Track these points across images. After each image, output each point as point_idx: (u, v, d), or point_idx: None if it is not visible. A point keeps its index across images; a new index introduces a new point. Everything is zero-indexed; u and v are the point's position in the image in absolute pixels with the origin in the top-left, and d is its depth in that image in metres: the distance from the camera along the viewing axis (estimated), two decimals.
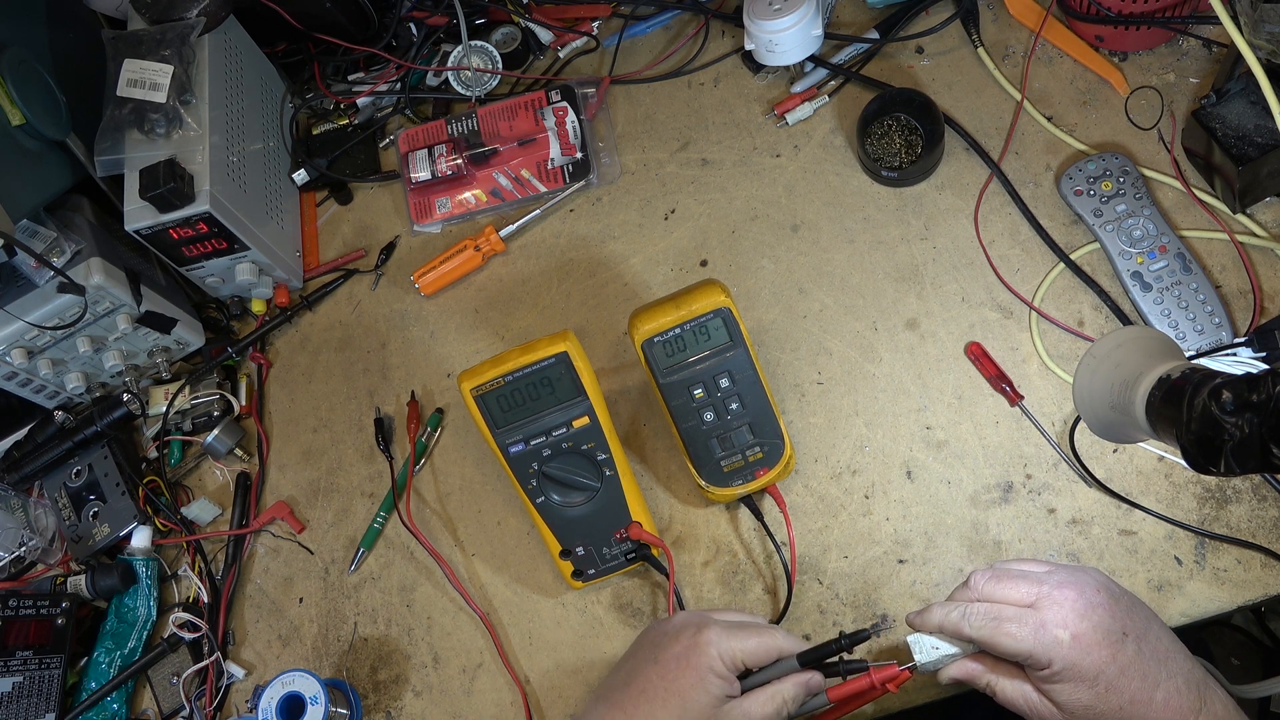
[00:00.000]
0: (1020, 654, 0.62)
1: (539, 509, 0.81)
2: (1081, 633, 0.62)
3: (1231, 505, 0.74)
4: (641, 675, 0.67)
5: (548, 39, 1.10)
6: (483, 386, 0.77)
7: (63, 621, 0.90)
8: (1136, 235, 0.82)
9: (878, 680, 0.68)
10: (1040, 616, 0.63)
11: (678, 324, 0.77)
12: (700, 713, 0.65)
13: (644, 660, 0.68)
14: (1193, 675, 0.63)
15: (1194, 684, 0.62)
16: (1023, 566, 0.67)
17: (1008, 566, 0.68)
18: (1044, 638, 0.62)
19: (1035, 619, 0.63)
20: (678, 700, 0.65)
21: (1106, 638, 0.62)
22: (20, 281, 0.91)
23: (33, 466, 0.97)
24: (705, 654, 0.66)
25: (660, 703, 0.65)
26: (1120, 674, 0.61)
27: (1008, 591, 0.65)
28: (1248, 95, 0.79)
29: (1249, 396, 0.49)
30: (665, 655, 0.67)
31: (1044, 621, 0.62)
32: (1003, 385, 0.81)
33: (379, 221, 1.08)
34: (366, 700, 0.86)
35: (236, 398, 1.00)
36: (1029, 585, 0.65)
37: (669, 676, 0.66)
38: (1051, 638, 0.62)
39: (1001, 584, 0.66)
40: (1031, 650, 0.62)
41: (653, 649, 0.69)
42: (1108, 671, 0.61)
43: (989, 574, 0.67)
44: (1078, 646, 0.61)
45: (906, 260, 0.89)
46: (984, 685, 0.66)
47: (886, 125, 0.92)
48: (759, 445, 0.80)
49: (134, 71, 0.92)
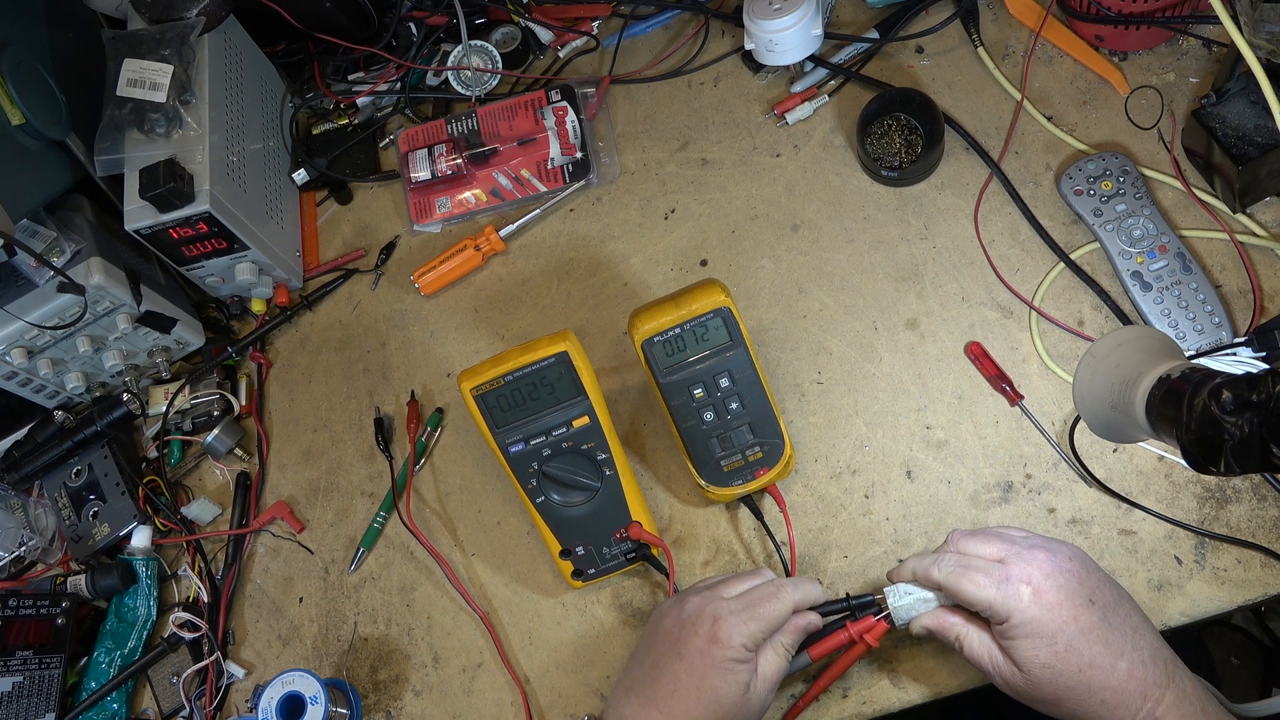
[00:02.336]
0: (982, 603, 0.64)
1: (539, 509, 0.81)
2: (1044, 590, 0.63)
3: (1231, 505, 0.74)
4: (669, 672, 0.68)
5: (548, 39, 1.10)
6: (483, 386, 0.77)
7: (63, 621, 0.90)
8: (1136, 235, 0.82)
9: (855, 633, 0.71)
10: (1006, 570, 0.64)
11: (677, 324, 0.77)
12: (733, 702, 0.67)
13: (667, 655, 0.69)
14: (1160, 653, 0.63)
15: (1161, 660, 0.63)
16: (1004, 530, 0.70)
17: (989, 529, 0.70)
18: (1006, 590, 0.63)
19: (1001, 572, 0.64)
20: (711, 695, 0.67)
21: (1070, 598, 0.63)
22: (20, 281, 0.91)
23: (33, 466, 0.97)
24: (728, 647, 0.67)
25: (695, 700, 0.67)
26: (1081, 635, 0.62)
27: (981, 547, 0.68)
28: (1248, 95, 0.79)
29: (1249, 396, 0.49)
30: (688, 649, 0.68)
31: (1009, 575, 0.64)
32: (1003, 385, 0.81)
33: (379, 221, 1.08)
34: (366, 700, 0.86)
35: (236, 397, 1.00)
36: (1003, 544, 0.67)
37: (697, 673, 0.67)
38: (1014, 590, 0.63)
39: (976, 540, 0.68)
40: (992, 601, 0.64)
41: (673, 642, 0.69)
42: (1068, 630, 0.62)
43: (968, 532, 0.70)
44: (1039, 602, 0.63)
45: (906, 260, 0.89)
46: (953, 638, 0.68)
47: (886, 125, 0.92)
48: (759, 445, 0.80)
49: (134, 71, 0.92)
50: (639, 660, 0.72)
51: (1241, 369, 0.75)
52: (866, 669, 0.76)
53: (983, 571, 0.65)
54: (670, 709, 0.67)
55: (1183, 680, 0.63)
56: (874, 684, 0.75)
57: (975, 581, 0.65)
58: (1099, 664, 0.62)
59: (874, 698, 0.75)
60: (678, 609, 0.71)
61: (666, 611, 0.72)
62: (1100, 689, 0.62)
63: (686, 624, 0.69)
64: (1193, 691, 0.62)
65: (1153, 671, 0.62)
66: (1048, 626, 0.62)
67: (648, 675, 0.70)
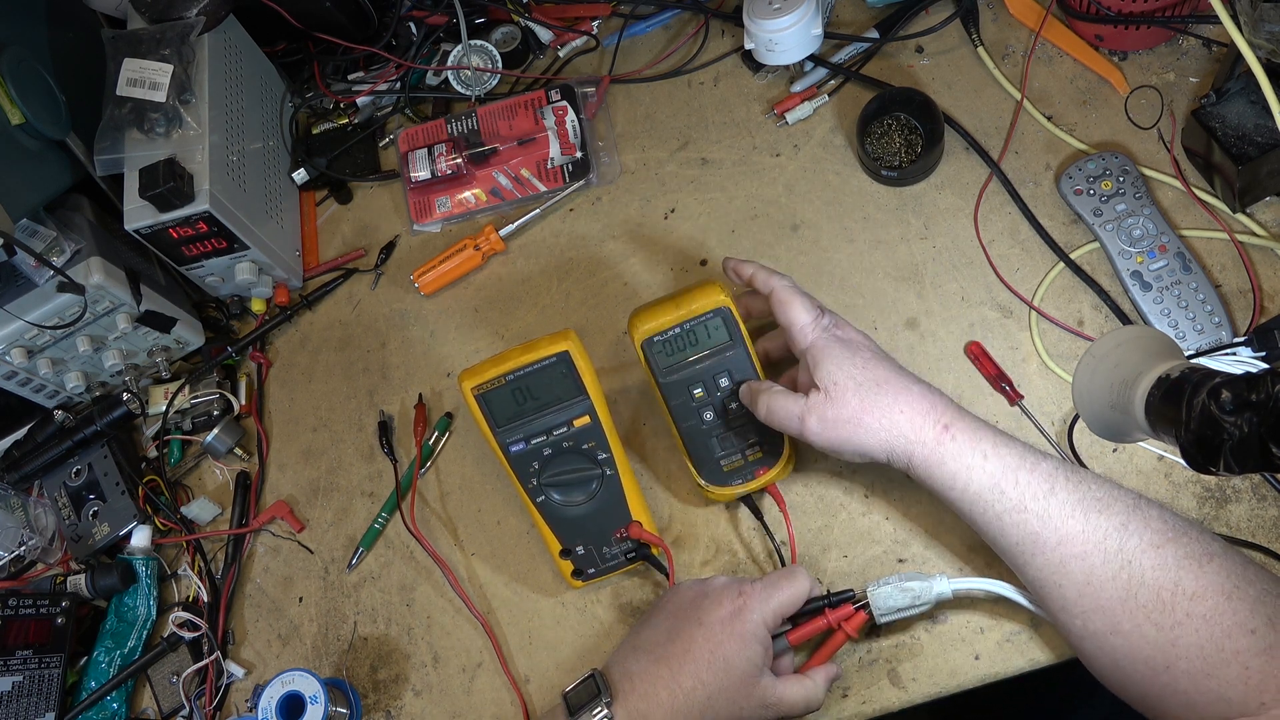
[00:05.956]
0: (801, 320, 0.73)
1: (539, 508, 0.81)
2: (845, 326, 0.74)
3: (1231, 505, 0.74)
4: (685, 634, 0.69)
5: (547, 38, 1.10)
6: (484, 385, 0.77)
7: (62, 621, 0.90)
8: (1136, 234, 0.82)
9: (834, 620, 0.72)
10: (822, 309, 0.75)
11: (677, 323, 0.77)
12: (742, 678, 0.68)
13: (687, 620, 0.70)
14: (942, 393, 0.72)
15: (945, 395, 0.72)
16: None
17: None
18: (821, 320, 0.73)
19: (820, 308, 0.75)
20: (722, 663, 0.68)
21: (867, 340, 0.74)
22: (20, 281, 0.91)
23: (32, 466, 0.97)
24: (750, 620, 0.69)
25: (705, 664, 0.68)
26: (876, 358, 0.72)
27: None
28: (1247, 95, 0.79)
29: (1248, 396, 0.49)
30: (710, 618, 0.69)
31: (824, 312, 0.74)
32: (1002, 384, 0.81)
33: (379, 221, 1.08)
34: (366, 700, 0.86)
35: (236, 397, 1.00)
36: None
37: (714, 639, 0.68)
38: (827, 320, 0.74)
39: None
40: (807, 323, 0.73)
41: (695, 610, 0.71)
42: (865, 352, 0.72)
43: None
44: (843, 332, 0.73)
45: (906, 260, 0.89)
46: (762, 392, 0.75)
47: (886, 124, 0.92)
48: (759, 445, 0.80)
49: (134, 71, 0.92)
50: (652, 625, 0.72)
51: (1241, 369, 0.75)
52: (867, 669, 0.76)
53: (807, 299, 0.74)
54: (680, 668, 0.68)
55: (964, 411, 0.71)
56: (874, 684, 0.75)
57: (802, 303, 0.74)
58: (894, 381, 0.70)
59: (874, 698, 0.75)
60: (701, 584, 0.73)
61: (688, 586, 0.74)
62: (898, 401, 0.69)
63: (711, 595, 0.71)
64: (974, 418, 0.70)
65: (940, 396, 0.71)
66: (849, 347, 0.72)
67: (661, 637, 0.71)
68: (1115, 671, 0.64)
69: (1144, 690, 0.63)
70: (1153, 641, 0.61)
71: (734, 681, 0.67)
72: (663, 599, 0.75)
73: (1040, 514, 0.65)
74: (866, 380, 0.70)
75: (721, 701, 0.67)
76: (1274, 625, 0.59)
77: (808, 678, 0.71)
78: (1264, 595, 0.60)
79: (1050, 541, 0.65)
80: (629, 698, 0.68)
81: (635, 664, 0.70)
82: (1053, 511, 0.65)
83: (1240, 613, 0.59)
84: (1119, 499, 0.65)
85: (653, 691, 0.68)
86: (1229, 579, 0.60)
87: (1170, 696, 0.61)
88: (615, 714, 0.67)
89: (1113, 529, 0.63)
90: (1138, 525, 0.63)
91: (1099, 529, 0.63)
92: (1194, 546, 0.62)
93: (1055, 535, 0.65)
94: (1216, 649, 0.59)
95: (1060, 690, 0.92)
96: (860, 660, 0.76)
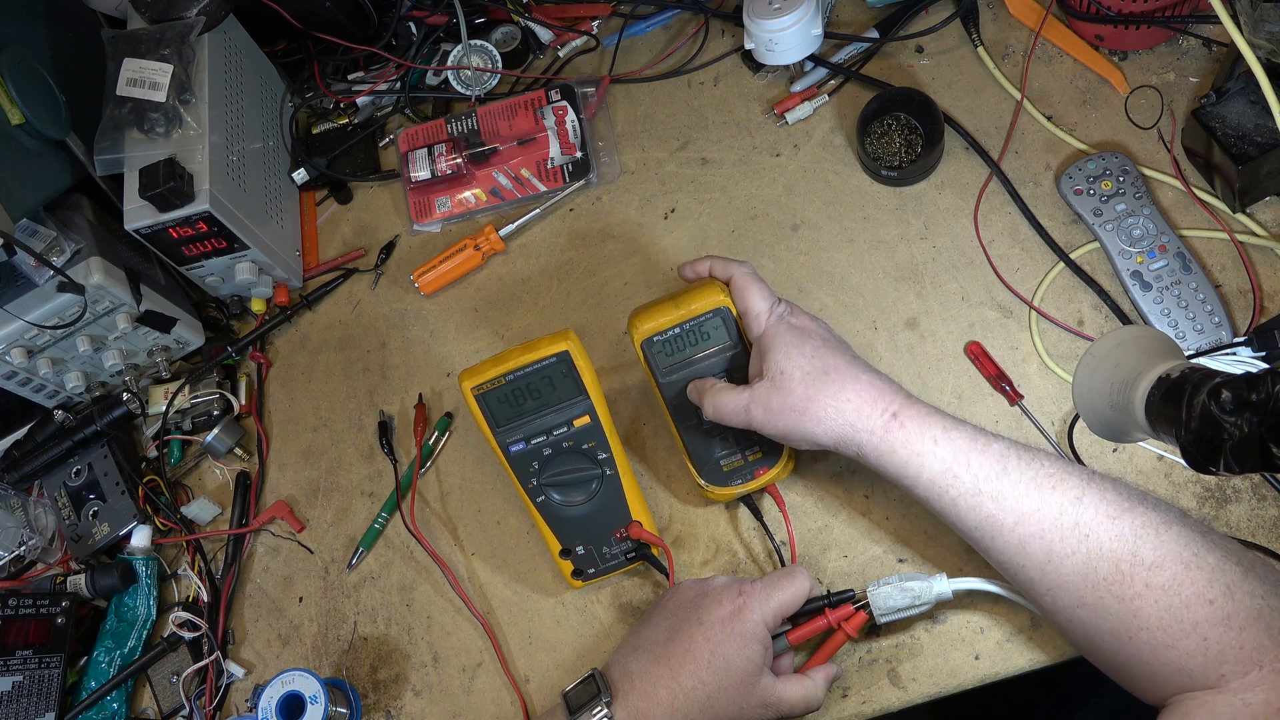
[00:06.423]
0: (758, 305, 0.74)
1: (539, 508, 0.81)
2: (799, 313, 0.75)
3: (1231, 505, 0.74)
4: (685, 634, 0.69)
5: (547, 38, 1.10)
6: (484, 385, 0.77)
7: (62, 621, 0.90)
8: (1136, 234, 0.82)
9: (834, 619, 0.73)
10: (777, 299, 0.75)
11: (677, 323, 0.77)
12: (742, 677, 0.68)
13: (687, 619, 0.70)
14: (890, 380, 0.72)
15: (894, 382, 0.71)
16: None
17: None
18: (777, 308, 0.74)
19: (775, 297, 0.75)
20: (722, 663, 0.68)
21: (819, 327, 0.74)
22: (20, 281, 0.91)
23: (32, 466, 0.97)
24: (750, 620, 0.69)
25: (705, 664, 0.68)
26: (825, 346, 0.72)
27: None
28: (1248, 95, 0.79)
29: (1248, 396, 0.49)
30: (711, 617, 0.69)
31: (778, 301, 0.75)
32: (1002, 384, 0.81)
33: (379, 221, 1.08)
34: (366, 699, 0.86)
35: (236, 397, 1.00)
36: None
37: (714, 639, 0.68)
38: (780, 309, 0.74)
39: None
40: (763, 310, 0.74)
41: (695, 609, 0.71)
42: (814, 339, 0.72)
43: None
44: (795, 320, 0.73)
45: (906, 259, 0.89)
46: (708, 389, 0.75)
47: (886, 124, 0.92)
48: (759, 445, 0.80)
49: (134, 71, 0.92)
50: (652, 624, 0.73)
51: (1241, 369, 0.75)
52: (867, 669, 0.76)
53: (764, 287, 0.75)
54: (680, 668, 0.68)
55: (914, 399, 0.70)
56: (874, 684, 0.75)
57: (758, 290, 0.74)
58: (842, 369, 0.70)
59: (874, 698, 0.75)
60: (701, 584, 0.73)
61: (688, 586, 0.74)
62: (844, 389, 0.69)
63: (711, 594, 0.71)
64: (924, 405, 0.70)
65: (889, 385, 0.70)
66: (799, 335, 0.72)
67: (661, 637, 0.71)
68: (1086, 644, 0.65)
69: (1113, 662, 0.63)
70: (1114, 613, 0.61)
71: (734, 681, 0.67)
72: (663, 599, 0.75)
73: (994, 495, 0.65)
74: (814, 369, 0.70)
75: (721, 701, 0.67)
76: (1232, 594, 0.58)
77: (808, 678, 0.71)
78: (1222, 563, 0.60)
79: (1007, 523, 0.65)
80: (629, 697, 0.68)
81: (635, 664, 0.70)
82: (1006, 492, 0.65)
83: (1199, 582, 0.59)
84: (1072, 473, 0.65)
85: (653, 691, 0.68)
86: (1187, 547, 0.60)
87: (1135, 667, 0.62)
88: (615, 713, 0.67)
89: (1068, 504, 0.63)
90: (1093, 498, 0.63)
91: (1054, 505, 0.63)
92: (1151, 516, 0.62)
93: (1012, 516, 0.64)
94: (1175, 620, 0.59)
95: (1060, 690, 0.93)
96: (860, 660, 0.76)
